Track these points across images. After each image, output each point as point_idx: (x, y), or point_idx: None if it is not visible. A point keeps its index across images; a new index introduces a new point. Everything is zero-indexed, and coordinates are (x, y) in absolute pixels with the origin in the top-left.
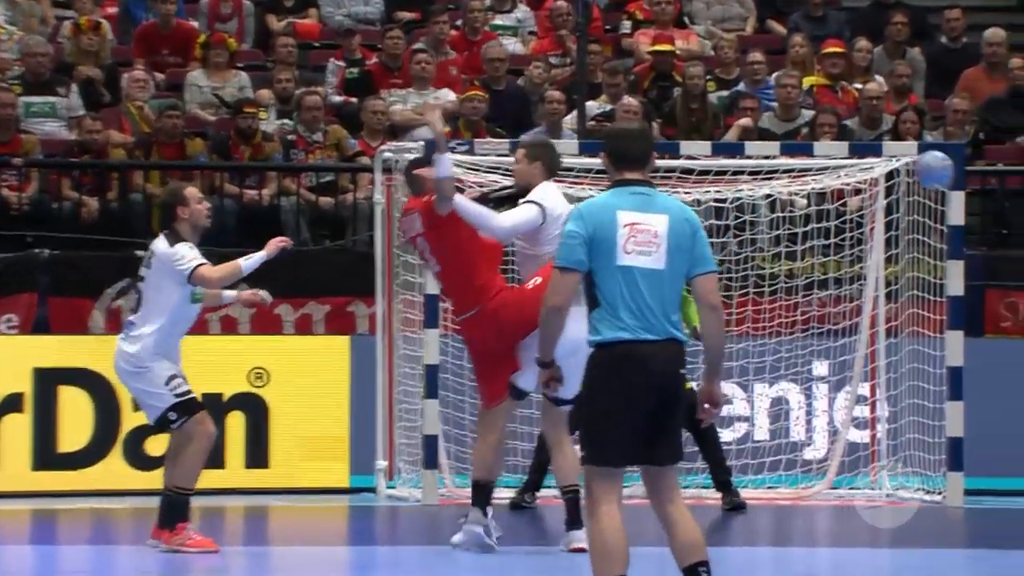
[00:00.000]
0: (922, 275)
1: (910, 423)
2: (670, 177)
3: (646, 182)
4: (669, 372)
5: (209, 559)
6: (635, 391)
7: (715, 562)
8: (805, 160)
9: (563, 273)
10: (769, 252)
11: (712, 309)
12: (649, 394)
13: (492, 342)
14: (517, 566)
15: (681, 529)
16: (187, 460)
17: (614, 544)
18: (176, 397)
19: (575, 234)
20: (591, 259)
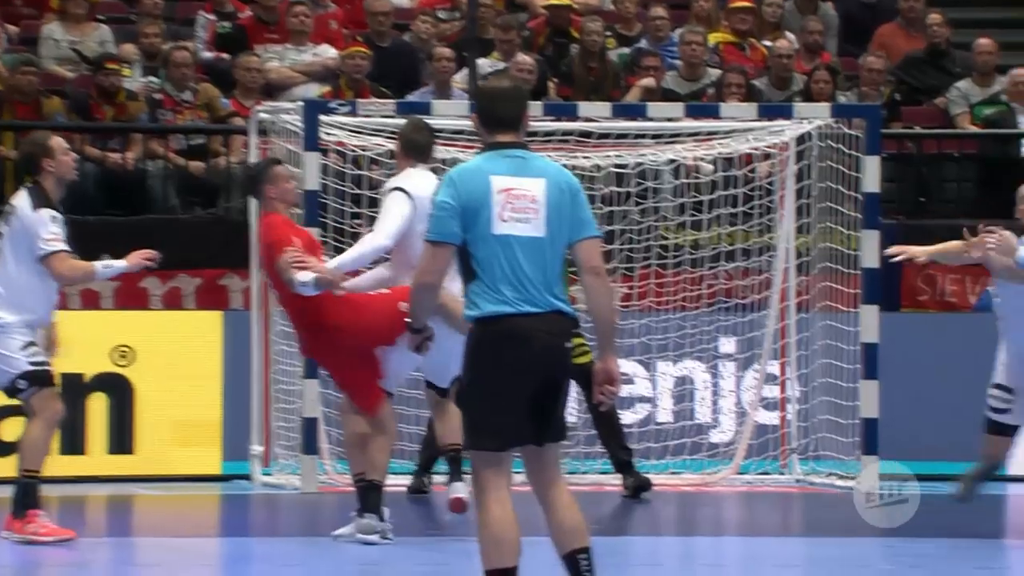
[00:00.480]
0: (835, 246)
1: (822, 404)
2: (567, 141)
3: (521, 145)
4: (554, 347)
5: (68, 552)
6: (519, 368)
7: (617, 552)
8: (711, 123)
9: (435, 247)
10: (673, 221)
11: (597, 275)
12: (534, 371)
13: (341, 358)
14: (403, 558)
15: (561, 513)
16: (31, 438)
17: (504, 533)
18: (30, 365)
19: (446, 204)
20: (464, 230)
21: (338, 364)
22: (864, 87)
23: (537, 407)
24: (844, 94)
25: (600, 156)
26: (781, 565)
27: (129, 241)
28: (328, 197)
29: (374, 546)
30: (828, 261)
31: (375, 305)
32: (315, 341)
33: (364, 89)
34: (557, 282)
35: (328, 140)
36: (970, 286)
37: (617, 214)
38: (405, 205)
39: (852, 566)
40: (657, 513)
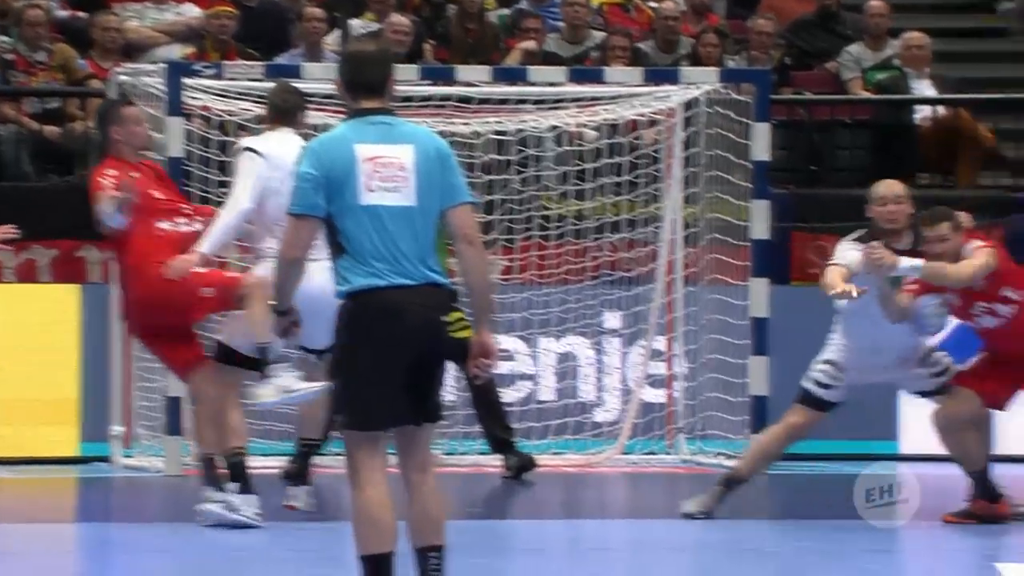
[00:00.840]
0: (724, 216)
1: (710, 381)
2: (444, 107)
3: (387, 110)
4: (430, 321)
5: None
6: (392, 344)
7: (498, 536)
8: (595, 88)
9: (298, 220)
10: (555, 191)
11: (470, 243)
12: (408, 346)
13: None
14: (273, 544)
15: (425, 503)
16: None
17: (379, 516)
18: None
19: (308, 175)
20: (329, 202)
21: (149, 337)
22: (753, 51)
23: (412, 385)
24: (732, 58)
25: (479, 122)
26: (668, 549)
27: None
28: (192, 164)
29: (244, 530)
30: (716, 232)
31: (186, 282)
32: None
33: (230, 50)
34: (431, 253)
35: (192, 104)
36: None
37: (497, 183)
38: (255, 163)
39: (741, 549)
40: (539, 495)
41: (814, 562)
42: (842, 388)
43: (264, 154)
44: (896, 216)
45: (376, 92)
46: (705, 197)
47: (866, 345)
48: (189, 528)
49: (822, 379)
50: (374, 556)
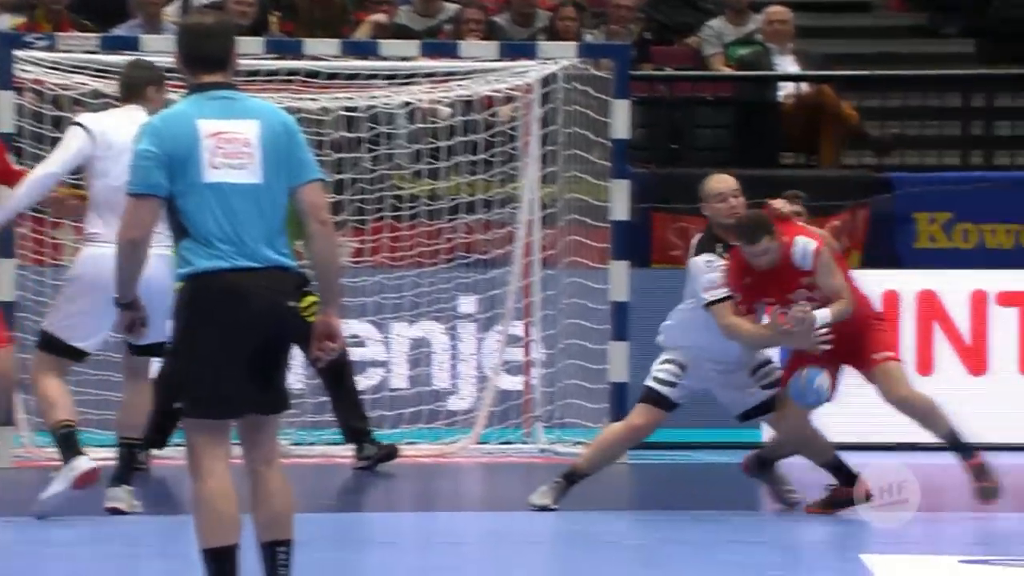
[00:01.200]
0: (583, 197)
1: (569, 367)
2: (292, 81)
3: (229, 85)
4: (275, 305)
5: None
6: (235, 328)
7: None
8: (449, 63)
9: (138, 200)
10: (408, 170)
11: (320, 223)
12: (252, 332)
13: None
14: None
15: (270, 498)
16: None
17: (223, 508)
18: None
19: (148, 153)
20: (172, 180)
21: None
22: (612, 25)
23: (257, 372)
24: (591, 32)
25: (328, 98)
26: (525, 541)
27: None
28: (24, 140)
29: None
30: (575, 213)
31: None
32: None
33: (64, 21)
34: (279, 234)
35: (24, 78)
36: None
37: (347, 162)
38: (77, 138)
39: (600, 541)
40: (392, 487)
41: (674, 553)
42: (684, 387)
43: (91, 130)
44: (738, 210)
45: (217, 66)
46: (563, 176)
47: (703, 354)
48: (20, 523)
49: (666, 377)
50: (216, 549)
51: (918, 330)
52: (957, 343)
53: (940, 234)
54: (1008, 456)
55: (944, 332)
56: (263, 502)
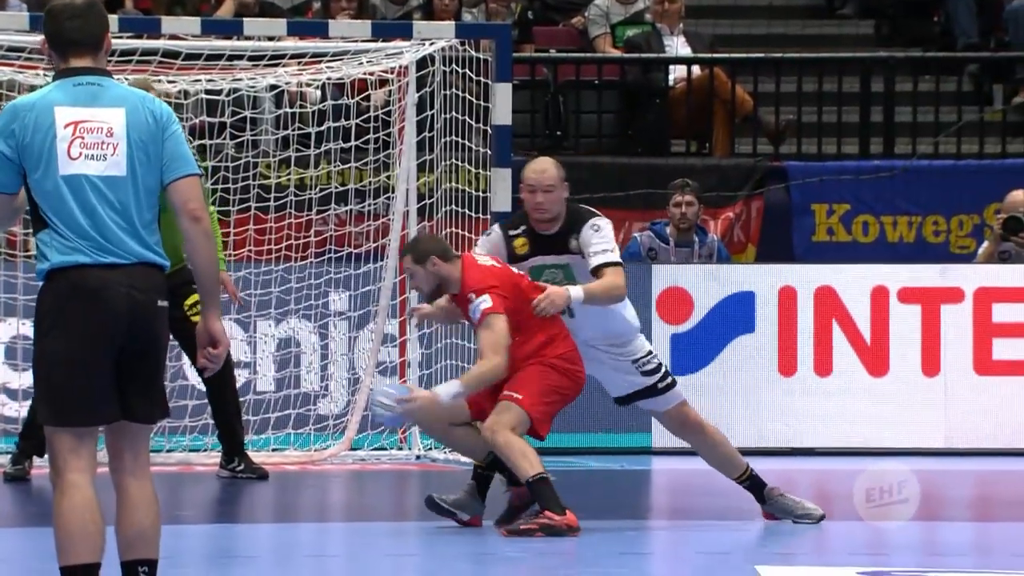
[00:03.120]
0: (462, 186)
1: (447, 368)
2: (150, 62)
3: (100, 71)
4: (139, 305)
5: None
6: (90, 328)
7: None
8: (318, 43)
9: None
10: (275, 158)
11: (195, 220)
12: (108, 331)
13: None
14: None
15: (134, 513)
16: None
17: (83, 523)
18: None
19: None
20: (28, 171)
21: None
22: (492, 4)
23: (120, 376)
24: (470, 11)
25: (188, 81)
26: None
27: None
28: None
29: None
30: (454, 204)
31: None
32: None
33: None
34: (149, 229)
35: None
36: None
37: (210, 148)
38: None
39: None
40: (257, 497)
41: (557, 566)
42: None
43: None
44: (544, 207)
45: (87, 49)
46: (441, 165)
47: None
48: None
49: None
50: (74, 567)
51: (816, 328)
52: (857, 342)
53: (839, 226)
54: (910, 461)
55: (843, 330)
56: (126, 516)
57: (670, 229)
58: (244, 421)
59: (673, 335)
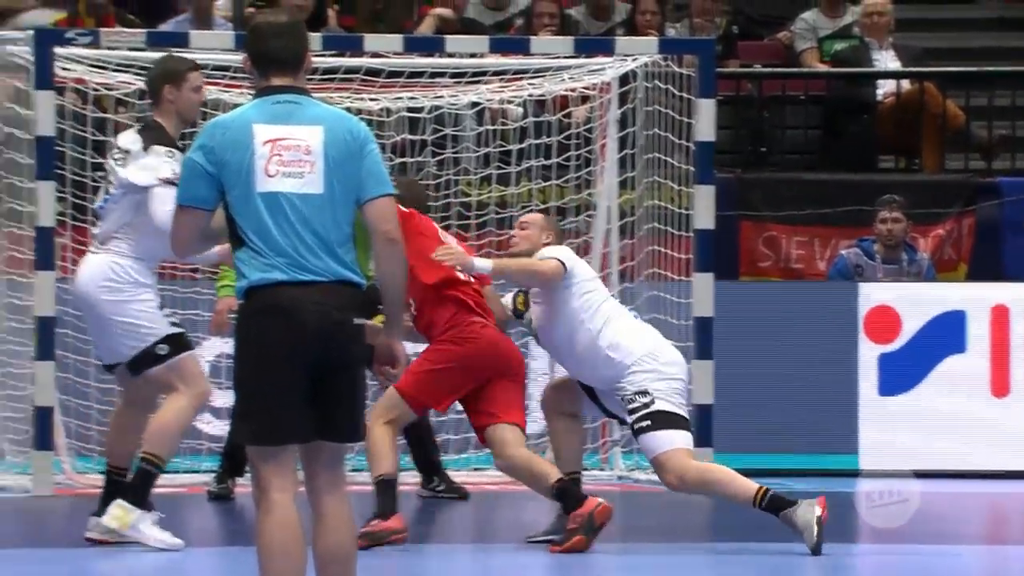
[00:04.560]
0: (664, 204)
1: None
2: (352, 80)
3: (298, 89)
4: (334, 323)
5: None
6: (284, 346)
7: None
8: (520, 60)
9: (182, 212)
10: (476, 175)
11: (389, 242)
12: (306, 350)
13: None
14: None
15: (331, 532)
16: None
17: (285, 543)
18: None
19: (192, 163)
20: (227, 189)
21: None
22: (696, 18)
23: (316, 395)
24: (673, 26)
25: (390, 98)
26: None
27: None
28: (65, 144)
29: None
30: (655, 221)
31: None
32: None
33: (108, 16)
34: (344, 247)
35: (65, 76)
36: (819, 250)
37: (410, 166)
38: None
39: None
40: (455, 517)
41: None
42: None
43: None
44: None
45: (288, 68)
46: (643, 182)
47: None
48: (59, 555)
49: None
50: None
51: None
52: None
53: None
54: None
55: None
56: (323, 536)
57: (877, 246)
58: (445, 440)
59: (880, 355)
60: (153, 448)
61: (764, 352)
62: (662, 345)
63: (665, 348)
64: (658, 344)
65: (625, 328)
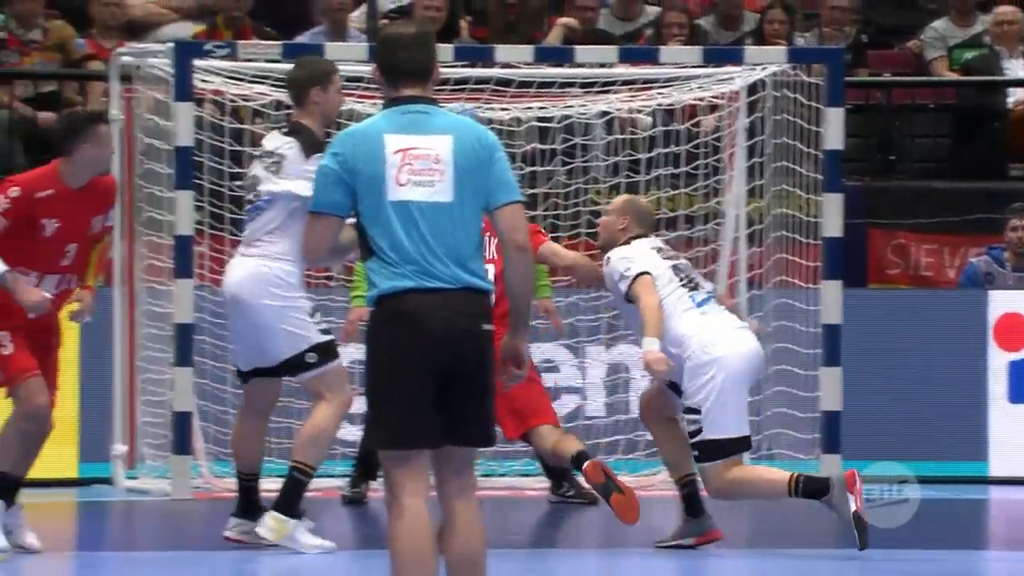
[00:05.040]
0: (792, 212)
1: (776, 395)
2: (483, 90)
3: (427, 99)
4: (462, 330)
5: None
6: (417, 353)
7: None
8: (649, 69)
9: (315, 219)
10: (605, 184)
11: (518, 249)
12: (434, 356)
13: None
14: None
15: (461, 536)
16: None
17: (417, 547)
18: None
19: (327, 170)
20: (358, 198)
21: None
22: (825, 27)
23: (445, 400)
24: (802, 35)
25: (520, 108)
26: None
27: None
28: (203, 155)
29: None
30: (784, 229)
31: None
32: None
33: (245, 29)
34: (473, 255)
35: (203, 88)
36: (948, 258)
37: (540, 175)
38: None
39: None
40: (583, 522)
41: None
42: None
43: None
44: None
45: (417, 79)
46: (771, 190)
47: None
48: (197, 557)
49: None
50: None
51: None
52: None
53: None
54: None
55: None
56: (453, 540)
57: (1007, 254)
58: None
59: (1011, 362)
60: (303, 457)
61: (892, 359)
62: (718, 336)
63: (721, 339)
64: (714, 336)
65: (685, 322)
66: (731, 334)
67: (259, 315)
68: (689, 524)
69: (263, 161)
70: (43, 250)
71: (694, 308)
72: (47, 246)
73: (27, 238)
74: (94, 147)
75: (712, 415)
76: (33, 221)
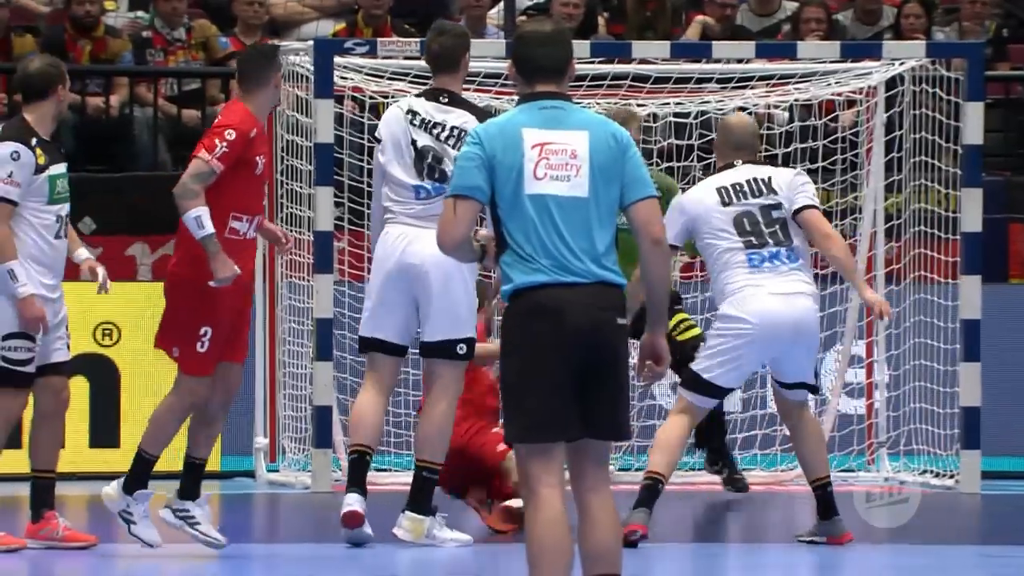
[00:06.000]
0: (931, 207)
1: (915, 390)
2: (620, 86)
3: (562, 95)
4: (597, 322)
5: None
6: (554, 346)
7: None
8: (787, 65)
9: (457, 202)
10: None
11: (654, 243)
12: (572, 349)
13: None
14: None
15: (597, 529)
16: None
17: (555, 539)
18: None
19: (472, 155)
20: (495, 191)
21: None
22: (965, 21)
23: (581, 393)
24: (941, 30)
25: (657, 104)
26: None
27: (110, 200)
28: (343, 151)
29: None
30: (922, 225)
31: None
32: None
33: (384, 26)
34: (607, 249)
35: (343, 85)
36: None
37: (677, 171)
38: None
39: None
40: (718, 517)
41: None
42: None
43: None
44: None
45: (553, 76)
46: (910, 185)
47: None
48: (338, 549)
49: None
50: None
51: None
52: None
53: None
54: None
55: None
56: (589, 534)
57: None
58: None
59: None
60: (430, 456)
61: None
62: (747, 297)
63: (749, 300)
64: (744, 297)
65: (728, 278)
66: (765, 301)
67: (455, 286)
68: (821, 525)
69: (441, 138)
70: (256, 190)
71: (745, 266)
72: (259, 186)
73: (243, 179)
74: (279, 76)
75: (709, 349)
76: (249, 161)
